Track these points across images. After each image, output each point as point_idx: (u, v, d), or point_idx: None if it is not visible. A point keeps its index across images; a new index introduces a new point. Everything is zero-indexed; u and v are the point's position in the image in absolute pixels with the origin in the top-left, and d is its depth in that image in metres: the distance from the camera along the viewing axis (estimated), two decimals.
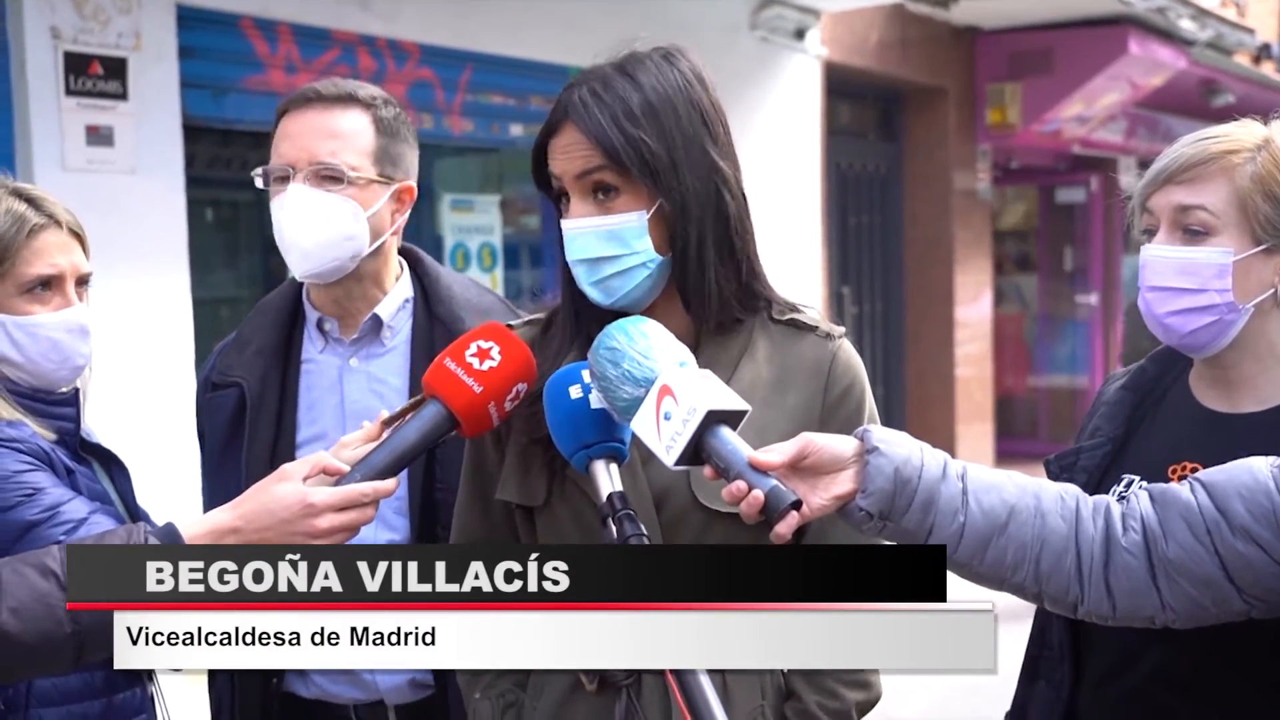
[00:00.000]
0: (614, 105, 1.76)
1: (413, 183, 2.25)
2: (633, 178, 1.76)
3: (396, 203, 2.22)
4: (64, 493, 1.90)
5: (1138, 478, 1.84)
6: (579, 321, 1.86)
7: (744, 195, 1.84)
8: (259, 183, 2.21)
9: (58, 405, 2.02)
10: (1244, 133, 1.82)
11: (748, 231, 1.85)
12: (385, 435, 1.77)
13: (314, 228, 2.14)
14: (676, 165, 1.76)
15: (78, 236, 2.05)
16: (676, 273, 1.80)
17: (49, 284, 2.00)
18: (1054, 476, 1.94)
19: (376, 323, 2.23)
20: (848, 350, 1.88)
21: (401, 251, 2.30)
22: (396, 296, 2.25)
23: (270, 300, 2.33)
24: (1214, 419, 1.85)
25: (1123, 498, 1.70)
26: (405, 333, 2.24)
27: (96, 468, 2.08)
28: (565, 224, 1.80)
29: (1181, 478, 1.75)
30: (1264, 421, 1.80)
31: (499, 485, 1.90)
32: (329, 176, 2.15)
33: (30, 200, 2.00)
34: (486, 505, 1.93)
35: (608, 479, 1.63)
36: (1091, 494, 1.77)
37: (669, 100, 1.78)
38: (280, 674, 2.20)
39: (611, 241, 1.77)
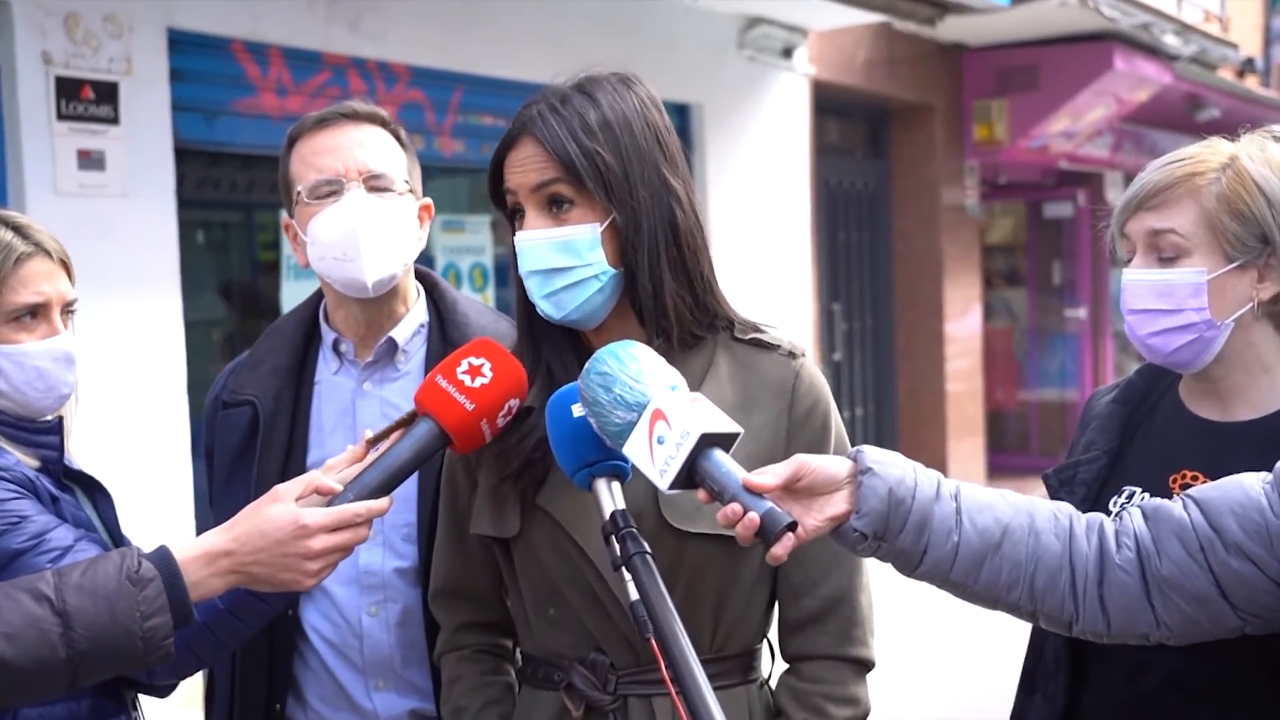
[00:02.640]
0: (571, 119, 1.78)
1: (430, 201, 2.26)
2: (587, 190, 1.77)
3: (421, 219, 2.23)
4: (49, 520, 1.88)
5: (1139, 489, 1.86)
6: (537, 350, 1.87)
7: (696, 215, 1.86)
8: (304, 196, 2.12)
9: (41, 434, 2.00)
10: (1209, 153, 1.85)
11: (700, 250, 1.86)
12: (372, 454, 1.77)
13: (386, 233, 2.11)
14: (630, 179, 1.78)
15: (64, 264, 2.02)
16: (629, 286, 1.81)
17: (35, 312, 1.97)
18: (1053, 490, 1.96)
19: (391, 346, 2.21)
20: (810, 369, 1.89)
21: (418, 275, 2.29)
22: (413, 320, 2.23)
23: (284, 321, 2.31)
24: (1210, 428, 1.88)
25: (1124, 509, 1.71)
26: (419, 358, 2.22)
27: (80, 495, 2.06)
28: (519, 236, 1.81)
29: (1184, 486, 1.77)
30: (1261, 429, 1.83)
31: (472, 519, 1.90)
32: (382, 187, 2.14)
33: (16, 228, 1.98)
34: (462, 539, 1.93)
35: (610, 497, 1.63)
36: (1091, 506, 1.79)
37: (625, 118, 1.80)
38: (281, 701, 2.20)
39: (564, 253, 1.78)
